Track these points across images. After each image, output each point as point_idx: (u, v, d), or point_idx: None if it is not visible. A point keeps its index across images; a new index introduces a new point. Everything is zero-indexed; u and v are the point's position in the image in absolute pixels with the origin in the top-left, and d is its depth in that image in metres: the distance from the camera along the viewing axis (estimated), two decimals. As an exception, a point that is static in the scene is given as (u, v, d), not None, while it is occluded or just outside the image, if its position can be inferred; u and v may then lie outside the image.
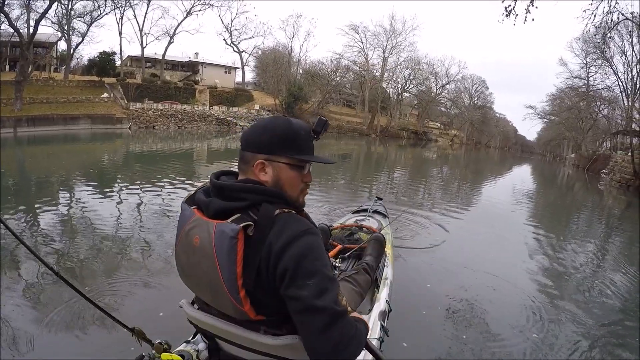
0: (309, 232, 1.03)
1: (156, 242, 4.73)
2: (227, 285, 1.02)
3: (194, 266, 1.10)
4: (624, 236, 8.61)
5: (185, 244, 1.12)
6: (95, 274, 3.78)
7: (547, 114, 51.64)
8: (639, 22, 20.91)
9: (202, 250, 1.05)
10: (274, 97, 42.97)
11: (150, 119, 30.99)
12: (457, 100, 62.57)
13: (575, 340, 3.15)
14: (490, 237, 6.52)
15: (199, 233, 1.07)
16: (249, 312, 1.04)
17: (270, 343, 1.07)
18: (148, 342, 1.31)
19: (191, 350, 1.36)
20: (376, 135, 48.01)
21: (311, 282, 0.98)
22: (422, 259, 4.74)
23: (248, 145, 1.12)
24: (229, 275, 1.01)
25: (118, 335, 1.58)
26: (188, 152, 17.82)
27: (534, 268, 4.98)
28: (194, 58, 45.42)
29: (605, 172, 25.79)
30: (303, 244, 1.00)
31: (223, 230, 1.01)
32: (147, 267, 3.98)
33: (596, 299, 4.20)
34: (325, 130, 1.18)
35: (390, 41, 50.73)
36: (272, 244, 1.00)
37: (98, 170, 10.73)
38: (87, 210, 5.96)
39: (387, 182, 13.31)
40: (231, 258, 1.00)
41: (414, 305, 3.41)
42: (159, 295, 3.38)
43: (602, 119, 41.31)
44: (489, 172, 24.20)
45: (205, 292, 1.13)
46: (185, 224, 1.12)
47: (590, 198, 16.74)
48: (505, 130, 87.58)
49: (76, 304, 2.99)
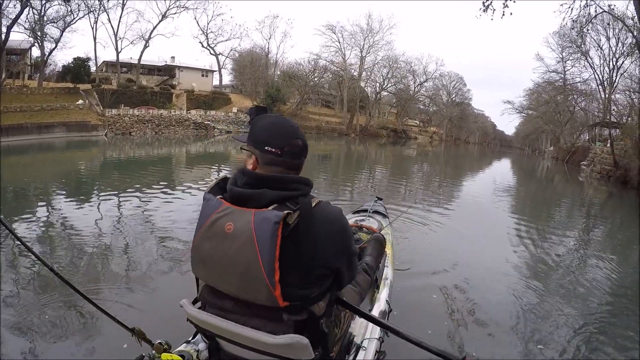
0: (343, 216, 1.23)
1: (156, 243, 4.78)
2: (266, 268, 1.06)
3: (222, 254, 1.13)
4: (606, 226, 8.90)
5: (212, 232, 1.14)
6: (94, 276, 3.80)
7: (524, 109, 52.59)
8: (616, 15, 21.54)
9: (239, 237, 1.09)
10: (251, 99, 42.55)
11: (126, 125, 30.23)
12: (436, 98, 63.42)
13: (571, 337, 3.17)
14: (480, 233, 6.54)
15: (232, 220, 1.10)
16: (278, 297, 1.08)
17: (271, 342, 1.09)
18: (148, 342, 1.32)
19: (191, 350, 1.37)
20: (356, 135, 48.15)
21: (353, 260, 1.26)
22: (421, 259, 4.72)
23: (270, 145, 1.23)
24: (268, 259, 1.06)
25: (118, 336, 1.59)
26: (166, 158, 17.47)
27: (532, 264, 5.00)
28: (171, 62, 44.63)
29: (585, 163, 26.12)
30: (343, 228, 1.21)
31: (267, 216, 1.07)
32: (147, 267, 4.00)
33: (591, 288, 4.28)
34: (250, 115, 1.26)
35: (368, 40, 51.12)
36: (318, 230, 1.13)
37: (75, 180, 10.47)
38: (73, 217, 5.85)
39: (369, 181, 13.39)
40: (273, 243, 1.05)
41: (414, 304, 3.42)
42: (159, 295, 3.40)
43: (580, 111, 42.10)
44: (469, 168, 24.48)
45: (233, 279, 1.13)
46: (213, 213, 1.15)
47: (572, 190, 17.04)
48: (484, 125, 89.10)
49: (76, 305, 3.00)
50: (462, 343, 2.93)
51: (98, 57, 39.18)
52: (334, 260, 1.17)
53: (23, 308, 3.02)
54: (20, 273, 3.70)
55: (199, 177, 11.74)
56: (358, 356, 1.64)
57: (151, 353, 1.28)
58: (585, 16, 17.14)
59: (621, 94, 31.72)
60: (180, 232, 5.12)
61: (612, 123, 26.71)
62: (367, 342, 1.74)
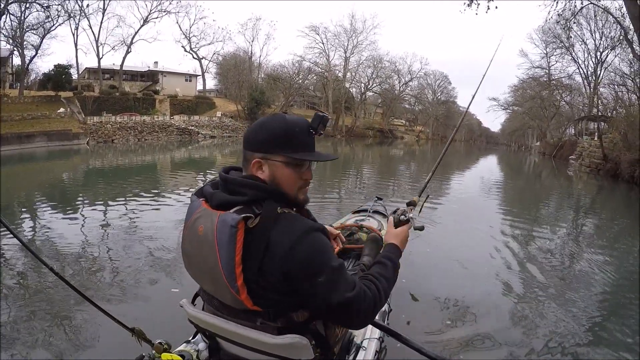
0: (312, 230, 1.07)
1: (156, 243, 4.85)
2: (226, 273, 1.05)
3: (197, 254, 1.14)
4: (600, 219, 9.02)
5: (191, 233, 1.15)
6: (94, 276, 3.82)
7: (510, 105, 53.22)
8: (602, 6, 21.89)
9: (205, 239, 1.08)
10: (236, 103, 42.41)
11: (108, 132, 29.71)
12: (421, 97, 64.04)
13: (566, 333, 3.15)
14: (475, 231, 6.49)
15: (203, 222, 1.10)
16: (245, 301, 1.06)
17: (271, 342, 1.08)
18: (148, 342, 1.32)
19: (191, 350, 1.36)
20: (342, 136, 48.23)
21: (322, 278, 1.04)
22: (419, 258, 4.66)
23: (247, 144, 1.16)
24: (227, 263, 1.04)
25: (118, 335, 1.59)
26: (150, 165, 17.17)
27: (532, 263, 4.93)
28: (154, 67, 44.25)
29: (573, 158, 26.05)
30: (308, 244, 1.05)
31: (225, 219, 1.05)
32: (146, 268, 4.02)
33: (588, 283, 4.28)
34: (323, 125, 1.17)
35: (352, 41, 51.33)
36: (276, 243, 1.04)
37: (60, 190, 10.27)
38: (71, 222, 5.86)
39: (357, 183, 13.49)
40: (230, 246, 1.03)
41: (414, 304, 3.42)
42: (159, 295, 3.42)
43: (565, 106, 42.45)
44: (457, 166, 24.36)
45: (207, 280, 1.15)
46: (193, 214, 1.15)
47: (562, 184, 17.13)
48: (470, 123, 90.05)
49: (76, 305, 3.00)
50: (463, 342, 2.90)
51: (81, 64, 38.66)
52: (287, 275, 1.04)
53: (23, 308, 3.05)
54: (20, 273, 3.74)
55: (190, 182, 11.67)
56: (358, 356, 1.64)
57: (151, 353, 1.27)
58: (572, 9, 17.38)
59: (606, 88, 32.22)
60: (178, 233, 5.12)
61: (601, 117, 26.88)
62: (367, 342, 1.74)
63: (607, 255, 5.53)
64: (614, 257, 5.46)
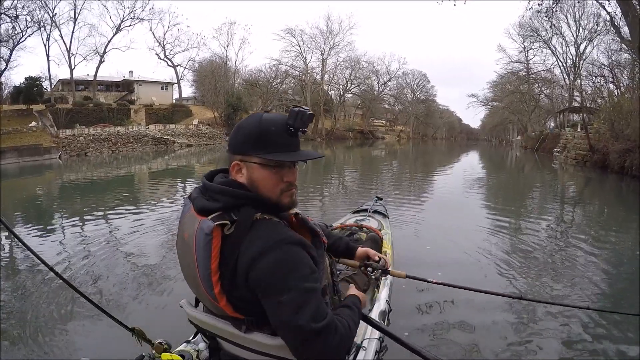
0: (284, 242, 1.00)
1: (156, 244, 5.00)
2: (203, 280, 1.04)
3: (182, 259, 1.15)
4: (589, 210, 9.17)
5: (179, 238, 1.15)
6: (94, 277, 3.85)
7: (489, 101, 54.10)
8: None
9: (189, 245, 1.07)
10: (212, 110, 42.00)
11: (81, 145, 28.94)
12: (400, 96, 64.89)
13: None
14: (462, 226, 6.38)
15: (187, 228, 1.09)
16: (225, 308, 1.05)
17: (271, 343, 1.08)
18: (148, 342, 1.32)
19: (191, 350, 1.37)
20: (322, 139, 48.35)
21: (284, 298, 0.96)
22: (418, 258, 4.55)
23: (228, 146, 1.13)
24: (204, 271, 1.03)
25: (118, 335, 1.56)
26: (125, 178, 16.52)
27: (530, 261, 4.81)
28: (129, 76, 43.54)
29: (558, 150, 25.76)
30: (275, 256, 0.98)
31: (202, 226, 1.03)
32: (146, 268, 4.10)
33: (585, 279, 4.21)
34: (302, 121, 1.08)
35: (328, 42, 51.17)
36: (244, 252, 0.99)
37: (35, 207, 9.93)
38: (70, 230, 5.61)
39: (340, 185, 13.54)
40: (206, 254, 1.02)
41: (414, 304, 3.39)
42: (159, 295, 3.44)
43: (544, 99, 43.06)
44: (439, 163, 24.77)
45: (192, 285, 1.15)
46: (182, 218, 1.15)
47: (547, 177, 17.07)
48: (450, 120, 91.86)
49: (76, 305, 3.04)
50: (463, 342, 2.88)
51: (55, 76, 37.94)
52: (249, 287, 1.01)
53: (23, 308, 3.07)
54: (21, 274, 3.78)
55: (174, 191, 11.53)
56: (358, 356, 1.64)
57: (151, 353, 1.27)
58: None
59: (585, 80, 33.05)
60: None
61: (586, 108, 27.14)
62: (367, 342, 1.74)
63: (607, 248, 5.41)
64: (614, 251, 5.34)
